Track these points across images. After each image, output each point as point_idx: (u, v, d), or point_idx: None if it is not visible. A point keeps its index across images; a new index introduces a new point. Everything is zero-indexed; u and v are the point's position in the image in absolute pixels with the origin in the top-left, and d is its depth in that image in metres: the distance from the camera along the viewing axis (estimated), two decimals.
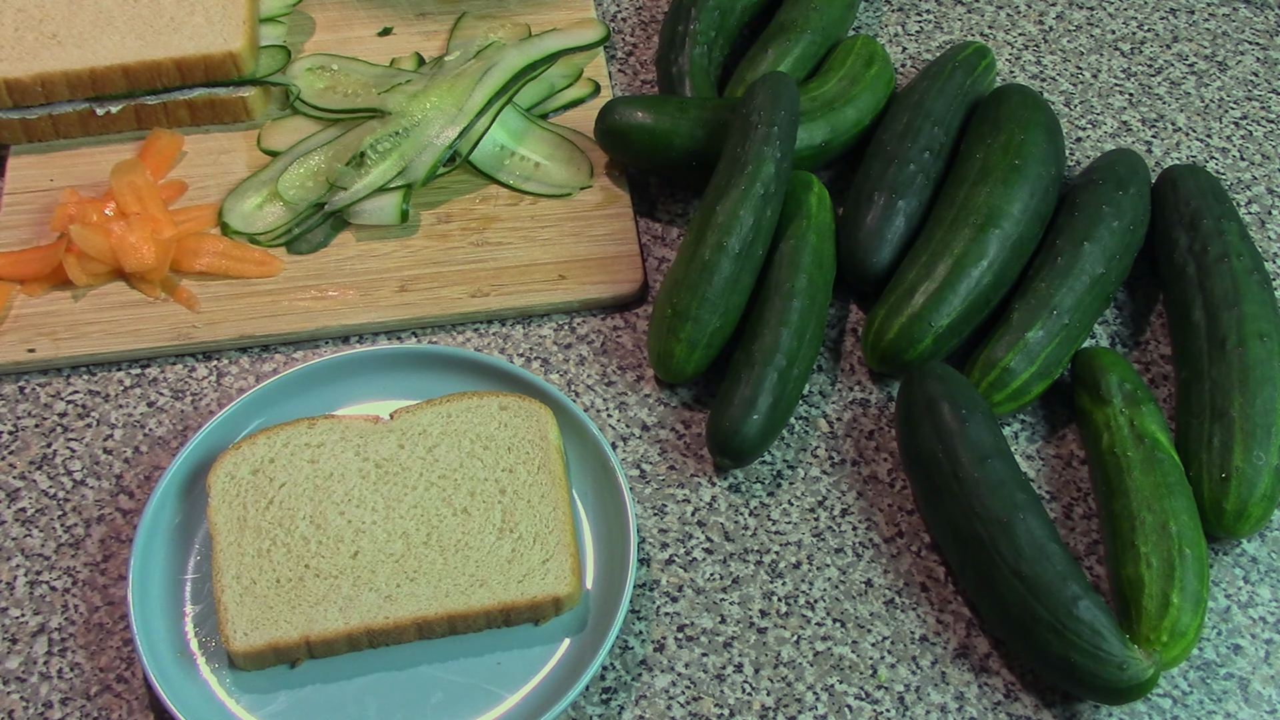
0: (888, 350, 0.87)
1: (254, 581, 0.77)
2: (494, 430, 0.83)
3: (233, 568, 0.78)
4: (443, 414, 0.84)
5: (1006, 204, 0.89)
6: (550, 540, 0.79)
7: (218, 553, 0.78)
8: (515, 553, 0.78)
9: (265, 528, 0.79)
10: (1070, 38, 1.12)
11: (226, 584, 0.77)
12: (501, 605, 0.77)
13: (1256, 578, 0.82)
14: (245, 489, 0.80)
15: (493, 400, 0.84)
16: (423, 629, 0.77)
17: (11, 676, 0.78)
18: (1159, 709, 0.77)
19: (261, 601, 0.76)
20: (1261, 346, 0.84)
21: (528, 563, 0.78)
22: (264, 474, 0.81)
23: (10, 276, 0.93)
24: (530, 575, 0.77)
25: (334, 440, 0.82)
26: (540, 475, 0.81)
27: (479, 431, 0.83)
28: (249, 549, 0.78)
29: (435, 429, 0.83)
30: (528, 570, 0.78)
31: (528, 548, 0.79)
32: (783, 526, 0.84)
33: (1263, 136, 1.05)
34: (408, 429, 0.83)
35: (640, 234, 0.97)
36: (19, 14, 1.01)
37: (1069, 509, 0.85)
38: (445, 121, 0.97)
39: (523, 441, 0.82)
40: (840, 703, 0.77)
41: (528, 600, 0.77)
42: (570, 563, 0.78)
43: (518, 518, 0.80)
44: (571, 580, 0.77)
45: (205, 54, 0.99)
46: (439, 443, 0.82)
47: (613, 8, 1.13)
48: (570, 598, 0.77)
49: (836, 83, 0.99)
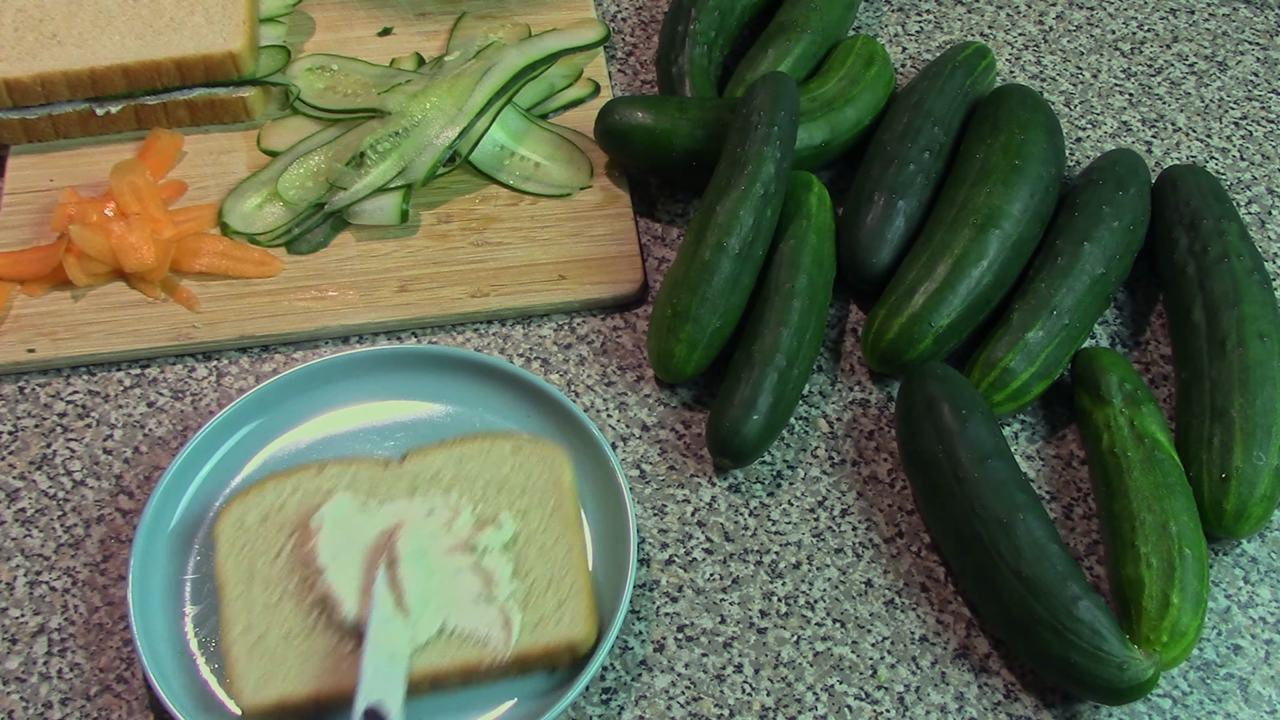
0: (888, 350, 0.87)
1: (263, 635, 0.75)
2: (507, 473, 0.81)
3: (242, 621, 0.75)
4: (455, 457, 0.81)
5: (1006, 204, 0.89)
6: (565, 584, 0.77)
7: (226, 604, 0.76)
8: (529, 599, 0.76)
9: (275, 579, 0.77)
10: (1070, 38, 1.12)
11: (235, 637, 0.75)
12: (516, 654, 0.74)
13: (1256, 578, 0.82)
14: (254, 538, 0.78)
15: (505, 443, 0.82)
16: (436, 683, 0.74)
17: (11, 676, 0.78)
18: (1159, 709, 0.77)
19: (272, 655, 0.74)
20: (1261, 346, 0.84)
21: (541, 609, 0.76)
22: (273, 522, 0.78)
23: (10, 276, 0.93)
24: (544, 621, 0.75)
25: (344, 486, 0.80)
26: (554, 519, 0.79)
27: (492, 475, 0.81)
28: (258, 601, 0.76)
29: (447, 473, 0.81)
30: (541, 616, 0.75)
31: (541, 593, 0.76)
32: (783, 527, 0.84)
33: (1263, 136, 1.05)
34: (419, 473, 0.81)
35: (640, 234, 0.97)
36: (19, 14, 1.01)
37: (1069, 509, 0.85)
38: (445, 121, 0.97)
39: (536, 485, 0.80)
40: (840, 703, 0.77)
41: (542, 647, 0.74)
42: (585, 606, 0.76)
43: (531, 563, 0.78)
44: (586, 625, 0.75)
45: (205, 54, 0.99)
46: (451, 486, 0.80)
47: (613, 8, 1.13)
48: (585, 641, 0.75)
49: (836, 83, 0.99)
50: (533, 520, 0.79)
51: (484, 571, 0.76)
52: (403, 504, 0.79)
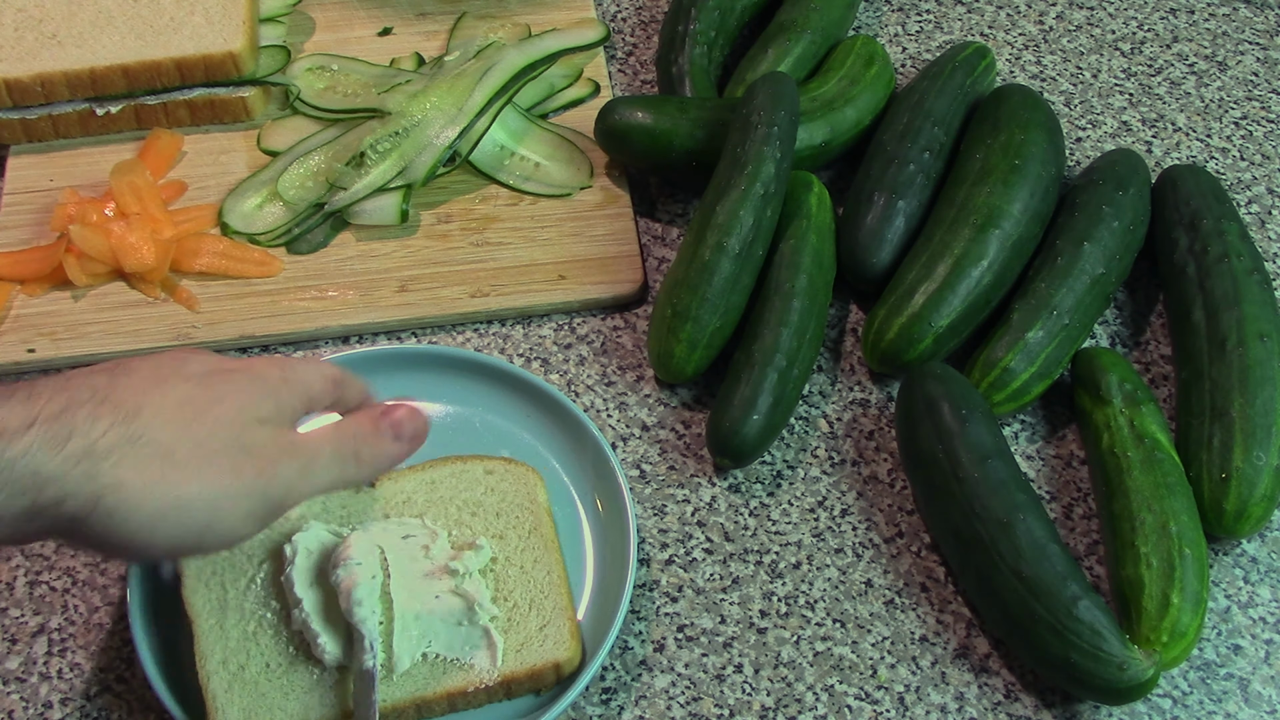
0: (888, 350, 0.87)
1: (242, 667, 0.72)
2: (480, 495, 0.80)
3: (218, 653, 0.73)
4: (427, 481, 0.80)
5: (1006, 204, 0.89)
6: (547, 605, 0.76)
7: (199, 638, 0.73)
8: (511, 622, 0.75)
9: (250, 609, 0.74)
10: (1070, 38, 1.12)
11: (212, 670, 0.72)
12: (501, 677, 0.74)
13: (1256, 578, 0.82)
14: (222, 567, 0.75)
15: (478, 465, 0.81)
16: (422, 709, 0.73)
17: (11, 676, 0.78)
18: (1159, 709, 0.77)
19: (253, 688, 0.72)
20: (1261, 346, 0.84)
21: (524, 631, 0.75)
22: (241, 550, 0.76)
23: (10, 276, 0.93)
24: (528, 644, 0.74)
25: (314, 512, 0.77)
26: (532, 540, 0.78)
27: (465, 498, 0.79)
28: (233, 631, 0.74)
29: (420, 497, 0.79)
30: (525, 639, 0.75)
31: (523, 615, 0.75)
32: (783, 527, 0.84)
33: (1263, 136, 1.05)
34: (391, 497, 0.79)
35: (640, 234, 0.97)
36: (19, 14, 1.01)
37: (1069, 509, 0.85)
38: (445, 121, 0.97)
39: (511, 506, 0.79)
40: (840, 703, 0.77)
41: (527, 669, 0.74)
42: (569, 626, 0.75)
43: (511, 585, 0.77)
44: (571, 644, 0.74)
45: (205, 54, 0.99)
46: (425, 511, 0.79)
47: (613, 8, 1.13)
48: (570, 662, 0.74)
49: (836, 83, 0.99)
50: (510, 542, 0.78)
51: (465, 595, 0.74)
52: (378, 529, 0.76)
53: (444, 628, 0.74)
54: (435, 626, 0.74)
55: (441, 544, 0.76)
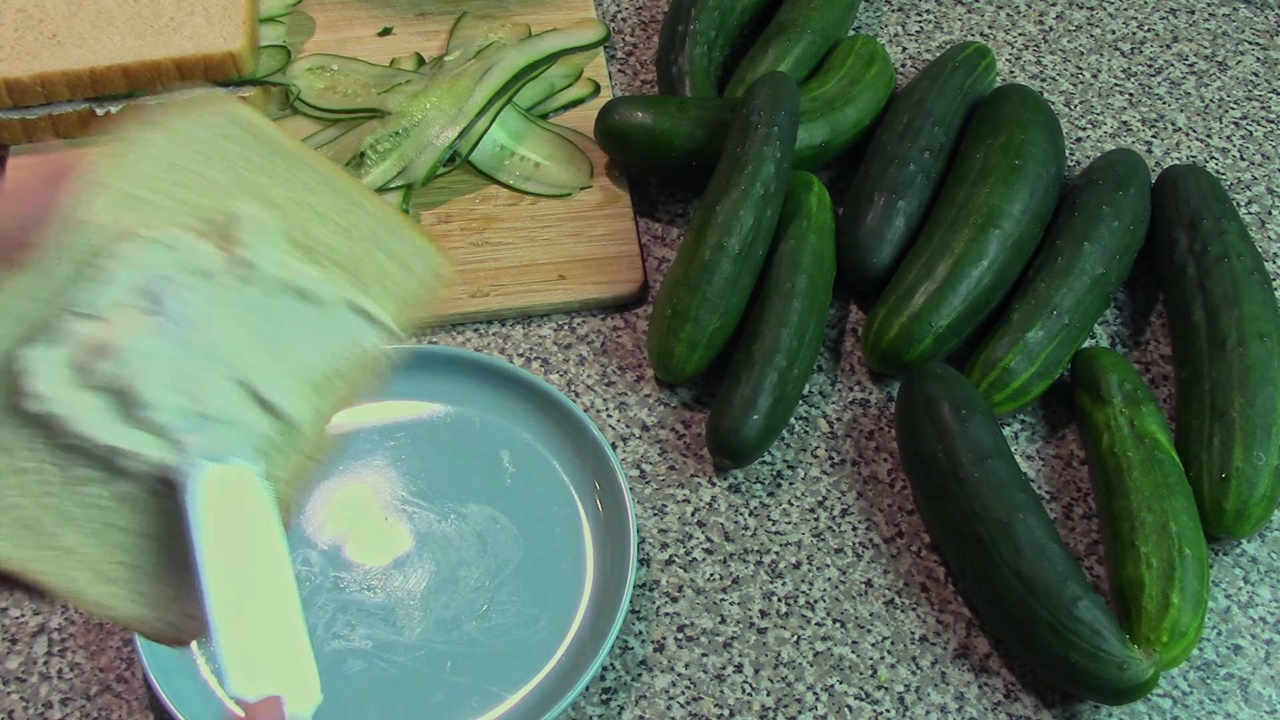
0: (888, 350, 0.87)
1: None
2: (192, 164, 0.56)
3: None
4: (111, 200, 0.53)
5: (1006, 204, 0.90)
6: (370, 215, 0.58)
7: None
8: (358, 269, 0.57)
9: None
10: (1070, 38, 1.12)
11: None
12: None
13: (1256, 578, 0.82)
14: None
15: (155, 133, 0.55)
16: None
17: (11, 676, 0.78)
18: (1159, 709, 0.77)
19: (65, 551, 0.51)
20: (1261, 346, 0.84)
21: (377, 266, 0.57)
22: None
23: None
24: (394, 263, 0.57)
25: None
26: (293, 170, 0.57)
27: (177, 177, 0.55)
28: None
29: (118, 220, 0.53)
30: (383, 272, 0.57)
31: (366, 253, 0.57)
32: (783, 527, 0.84)
33: (1263, 136, 1.05)
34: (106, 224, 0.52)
35: (640, 234, 0.97)
36: (19, 14, 1.01)
37: (1069, 509, 0.85)
38: (445, 121, 0.97)
39: (249, 154, 0.57)
40: (840, 703, 0.77)
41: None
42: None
43: (318, 234, 0.57)
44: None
45: (205, 54, 0.99)
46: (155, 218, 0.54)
47: (613, 8, 1.13)
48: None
49: (836, 83, 0.99)
50: (275, 195, 0.56)
51: (281, 288, 0.55)
52: (119, 266, 0.52)
53: (299, 338, 0.55)
54: (289, 343, 0.55)
55: (195, 246, 0.54)
